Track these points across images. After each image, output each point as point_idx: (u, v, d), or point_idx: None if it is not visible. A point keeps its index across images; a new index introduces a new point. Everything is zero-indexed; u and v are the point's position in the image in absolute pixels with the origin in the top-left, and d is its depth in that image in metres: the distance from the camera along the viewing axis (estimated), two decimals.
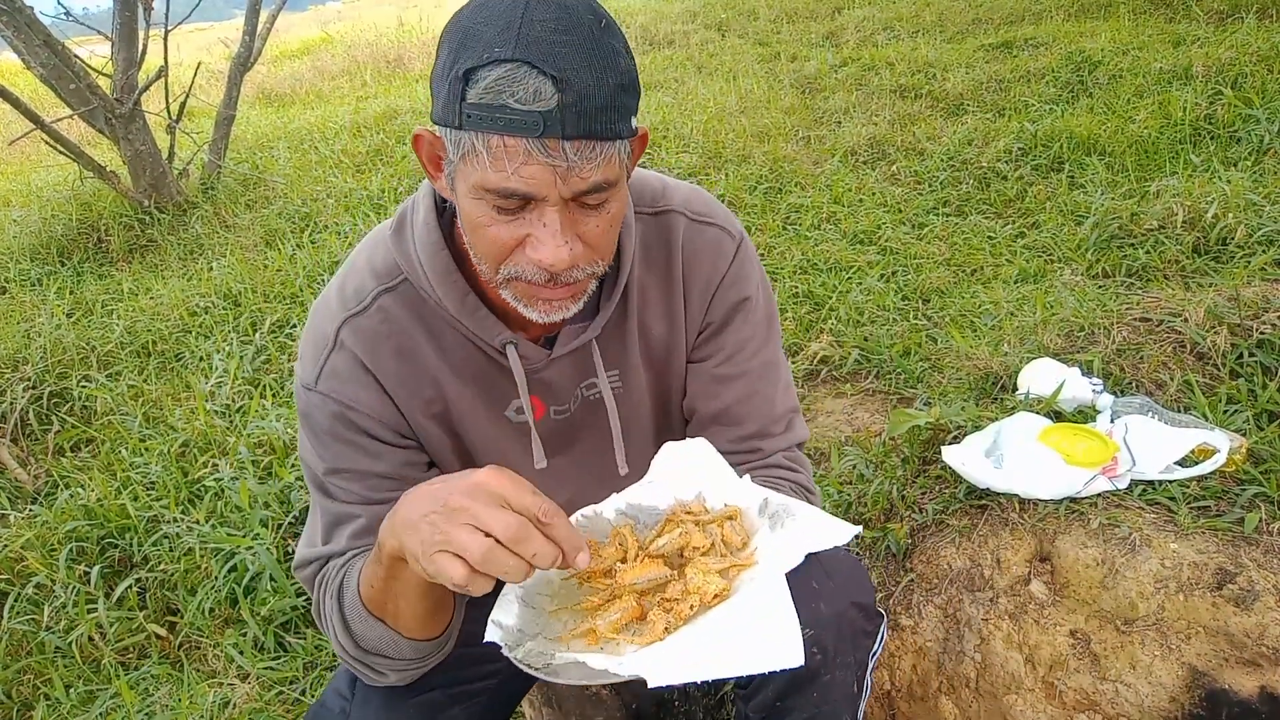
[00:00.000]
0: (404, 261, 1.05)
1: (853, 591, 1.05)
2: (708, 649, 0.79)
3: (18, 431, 3.15)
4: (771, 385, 1.17)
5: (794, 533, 0.89)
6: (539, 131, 0.81)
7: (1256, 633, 1.34)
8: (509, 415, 1.12)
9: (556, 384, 1.12)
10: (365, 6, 16.83)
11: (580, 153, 0.83)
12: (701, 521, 0.96)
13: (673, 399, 1.20)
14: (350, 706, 1.08)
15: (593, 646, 0.86)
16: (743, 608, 0.82)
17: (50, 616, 2.24)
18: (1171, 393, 1.90)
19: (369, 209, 4.59)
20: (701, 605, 0.86)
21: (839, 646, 1.03)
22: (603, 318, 1.09)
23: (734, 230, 1.16)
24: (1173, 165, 3.59)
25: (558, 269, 0.89)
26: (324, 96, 8.43)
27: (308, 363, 1.06)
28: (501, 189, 0.85)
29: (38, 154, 7.37)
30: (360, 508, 1.06)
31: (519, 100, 0.81)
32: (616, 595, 0.91)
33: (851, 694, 1.08)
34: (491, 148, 0.83)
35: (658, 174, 1.18)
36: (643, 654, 0.81)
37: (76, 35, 5.14)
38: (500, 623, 0.89)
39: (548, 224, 0.87)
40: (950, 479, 1.79)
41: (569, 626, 0.90)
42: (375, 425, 1.05)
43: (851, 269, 3.36)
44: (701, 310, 1.15)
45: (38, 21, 4.61)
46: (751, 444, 1.16)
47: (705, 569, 0.89)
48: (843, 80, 5.77)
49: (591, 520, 1.01)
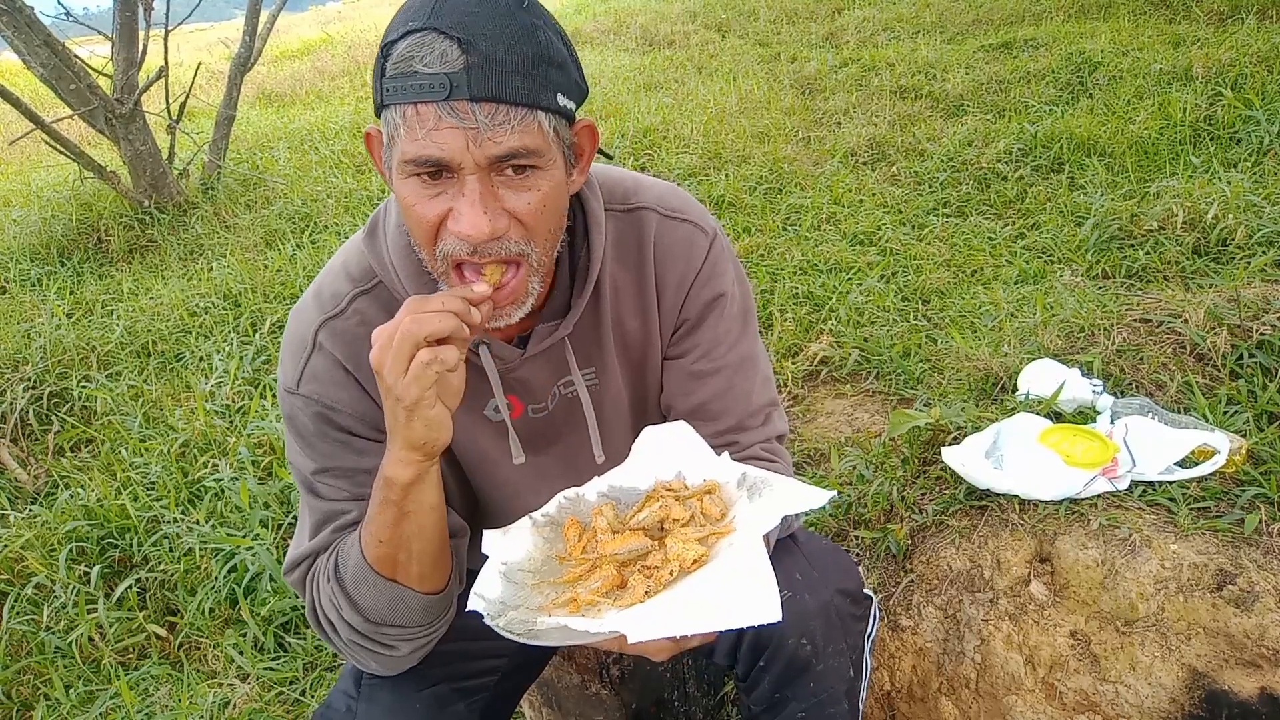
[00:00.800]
0: (377, 264, 1.06)
1: (837, 579, 1.07)
2: (686, 606, 0.80)
3: (18, 431, 3.14)
4: (748, 380, 1.18)
5: (769, 499, 0.91)
6: (445, 93, 0.83)
7: (1256, 634, 1.34)
8: (488, 414, 1.13)
9: (532, 382, 1.13)
10: (365, 6, 16.83)
11: (491, 116, 0.84)
12: (681, 497, 0.97)
13: (649, 395, 1.21)
14: (357, 704, 1.09)
15: (574, 613, 0.87)
16: (720, 568, 0.84)
17: (50, 617, 2.24)
18: (1171, 394, 1.90)
19: (369, 209, 4.59)
20: (681, 571, 0.88)
21: (829, 635, 1.04)
22: (574, 315, 1.09)
23: (707, 226, 1.16)
24: (1173, 166, 3.59)
25: (476, 239, 0.88)
26: (324, 97, 8.42)
27: (288, 367, 1.08)
28: (418, 157, 0.86)
29: (38, 154, 7.37)
30: (350, 503, 1.07)
31: (426, 64, 0.83)
32: (597, 565, 0.92)
33: (848, 678, 1.09)
34: (407, 117, 0.85)
35: (631, 173, 1.19)
36: (623, 614, 0.82)
37: (76, 35, 5.15)
38: (484, 595, 0.90)
39: (466, 193, 0.87)
40: (950, 480, 1.79)
41: (550, 597, 0.91)
42: (357, 424, 1.06)
43: (851, 270, 3.36)
44: (676, 307, 1.15)
45: (38, 21, 4.61)
46: (728, 438, 1.16)
47: (685, 538, 0.90)
48: (843, 81, 5.78)
49: (574, 502, 1.03)
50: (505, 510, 1.20)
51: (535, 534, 1.00)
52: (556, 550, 0.98)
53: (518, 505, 1.18)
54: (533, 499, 1.18)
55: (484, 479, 1.19)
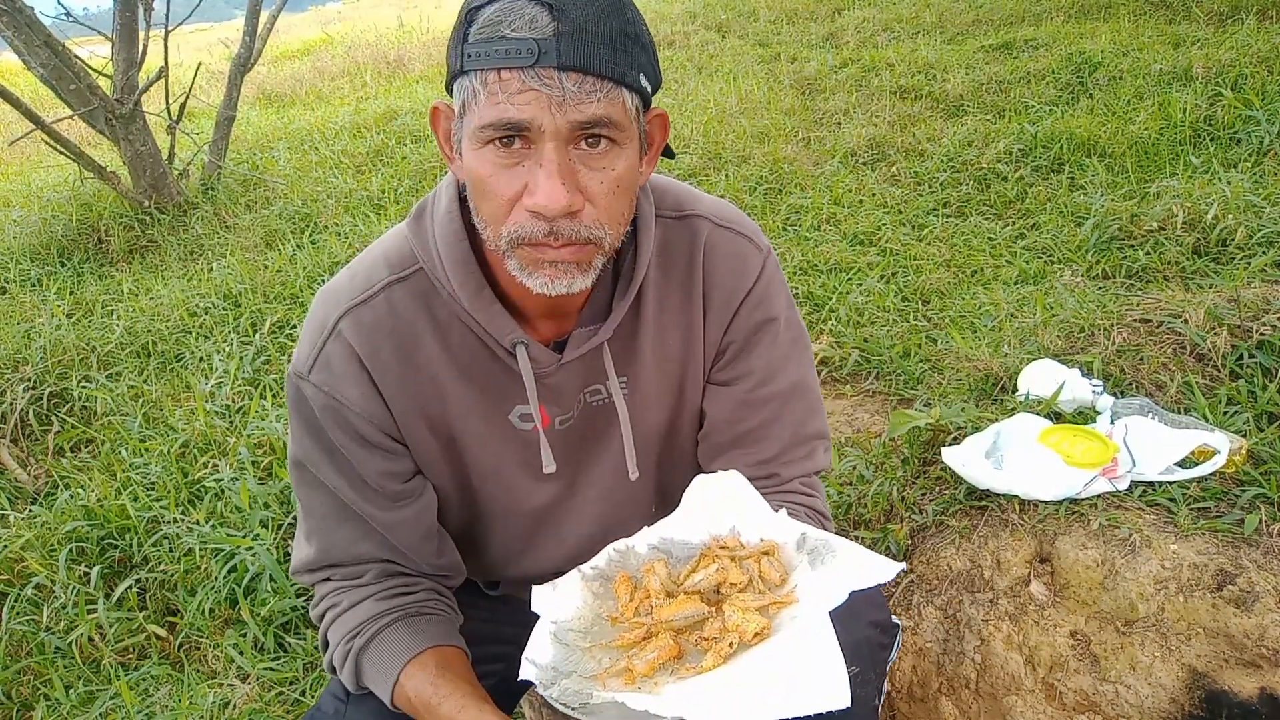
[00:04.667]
0: (420, 249, 1.01)
1: (870, 612, 1.03)
2: (751, 689, 0.76)
3: (18, 431, 3.14)
4: (797, 411, 1.13)
5: (836, 570, 0.87)
6: (534, 59, 0.80)
7: (1256, 634, 1.34)
8: (512, 420, 1.08)
9: (562, 391, 1.07)
10: (365, 7, 16.83)
11: (579, 85, 0.82)
12: (737, 557, 0.93)
13: (685, 412, 1.15)
14: (345, 708, 1.08)
15: (629, 685, 0.83)
16: (786, 647, 0.80)
17: (50, 617, 2.24)
18: (1171, 394, 1.90)
19: (369, 210, 4.59)
20: (741, 644, 0.84)
21: (860, 670, 1.00)
22: (614, 319, 1.04)
23: (760, 243, 1.11)
24: (1173, 167, 3.59)
25: (553, 210, 0.84)
26: (324, 97, 8.42)
27: (303, 349, 1.03)
28: (497, 120, 0.83)
29: (38, 154, 7.37)
30: (350, 494, 1.06)
31: (514, 29, 0.80)
32: (653, 633, 0.88)
33: (872, 707, 1.07)
34: (488, 83, 0.82)
35: (686, 184, 1.14)
36: (684, 693, 0.79)
37: (77, 35, 5.15)
38: (535, 660, 0.86)
39: (544, 164, 0.84)
40: (950, 480, 1.79)
41: (603, 664, 0.88)
42: (364, 424, 1.02)
43: (851, 270, 3.36)
44: (721, 325, 1.10)
45: (38, 22, 4.61)
46: (769, 469, 1.12)
47: (744, 606, 0.86)
48: (843, 81, 5.78)
49: (624, 555, 0.98)
50: (509, 524, 1.17)
51: (585, 589, 0.95)
52: (608, 608, 0.94)
53: (525, 518, 1.16)
54: (552, 514, 1.16)
55: (496, 489, 1.13)
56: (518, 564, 1.22)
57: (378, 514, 1.07)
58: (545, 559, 1.19)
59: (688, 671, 0.83)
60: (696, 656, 0.86)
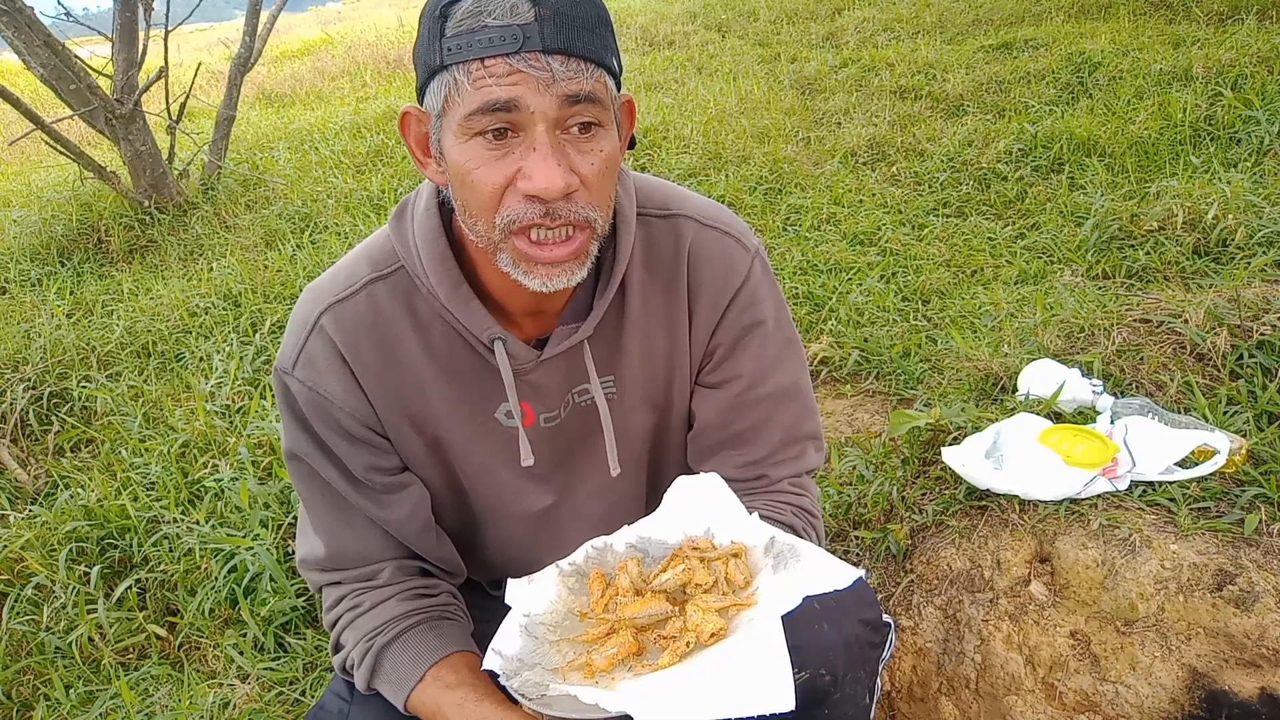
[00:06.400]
0: (400, 246, 1.02)
1: (858, 610, 1.04)
2: (698, 688, 0.79)
3: (18, 431, 3.14)
4: (788, 413, 1.12)
5: (795, 574, 0.88)
6: (518, 45, 0.81)
7: (1256, 634, 1.34)
8: (499, 417, 1.08)
9: (545, 388, 1.08)
10: (365, 7, 16.82)
11: (565, 65, 0.82)
12: (707, 558, 0.94)
13: (671, 412, 1.15)
14: (349, 708, 1.09)
15: (588, 680, 0.85)
16: (737, 649, 0.82)
17: (50, 617, 2.24)
18: (1171, 394, 1.89)
19: (369, 209, 4.59)
20: (698, 643, 0.86)
21: (849, 665, 1.01)
22: (595, 317, 1.04)
23: (749, 244, 1.10)
24: (1173, 166, 3.59)
25: (551, 192, 0.84)
26: (324, 97, 8.42)
27: (287, 346, 1.05)
28: (486, 103, 0.83)
29: (38, 154, 7.37)
30: (344, 486, 1.06)
31: (495, 18, 0.81)
32: (615, 629, 0.90)
33: (863, 705, 1.07)
34: (472, 72, 0.83)
35: (677, 185, 1.14)
36: (633, 690, 0.81)
37: (76, 35, 5.15)
38: (500, 651, 0.89)
39: (538, 147, 0.84)
40: (950, 480, 1.79)
41: (568, 658, 0.90)
42: (347, 418, 1.04)
43: (851, 270, 3.36)
44: (709, 327, 1.09)
45: (38, 22, 4.61)
46: (759, 469, 1.12)
47: (705, 607, 0.88)
48: (843, 81, 5.78)
49: (601, 552, 1.00)
50: (504, 524, 1.17)
51: (560, 584, 0.98)
52: (579, 604, 0.96)
53: (520, 518, 1.16)
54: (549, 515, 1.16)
55: (485, 488, 1.13)
56: (518, 564, 1.22)
57: (370, 507, 1.08)
58: (546, 560, 1.19)
59: (644, 669, 0.85)
60: (655, 654, 0.88)
